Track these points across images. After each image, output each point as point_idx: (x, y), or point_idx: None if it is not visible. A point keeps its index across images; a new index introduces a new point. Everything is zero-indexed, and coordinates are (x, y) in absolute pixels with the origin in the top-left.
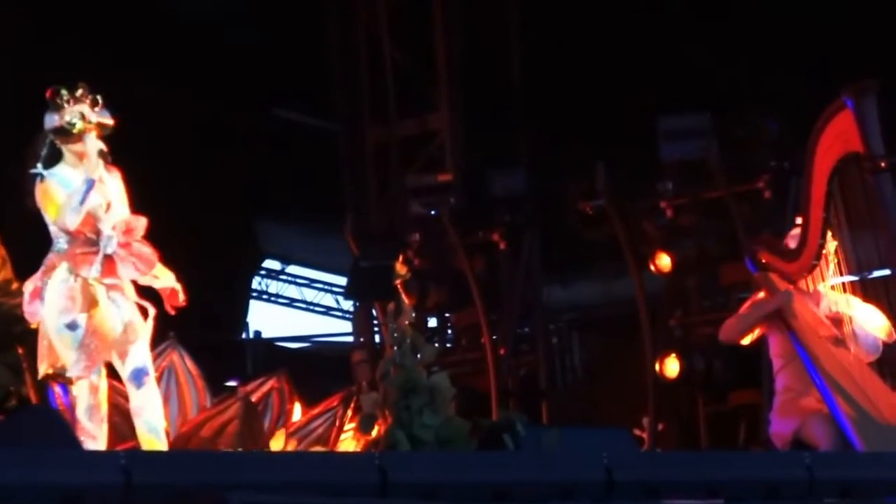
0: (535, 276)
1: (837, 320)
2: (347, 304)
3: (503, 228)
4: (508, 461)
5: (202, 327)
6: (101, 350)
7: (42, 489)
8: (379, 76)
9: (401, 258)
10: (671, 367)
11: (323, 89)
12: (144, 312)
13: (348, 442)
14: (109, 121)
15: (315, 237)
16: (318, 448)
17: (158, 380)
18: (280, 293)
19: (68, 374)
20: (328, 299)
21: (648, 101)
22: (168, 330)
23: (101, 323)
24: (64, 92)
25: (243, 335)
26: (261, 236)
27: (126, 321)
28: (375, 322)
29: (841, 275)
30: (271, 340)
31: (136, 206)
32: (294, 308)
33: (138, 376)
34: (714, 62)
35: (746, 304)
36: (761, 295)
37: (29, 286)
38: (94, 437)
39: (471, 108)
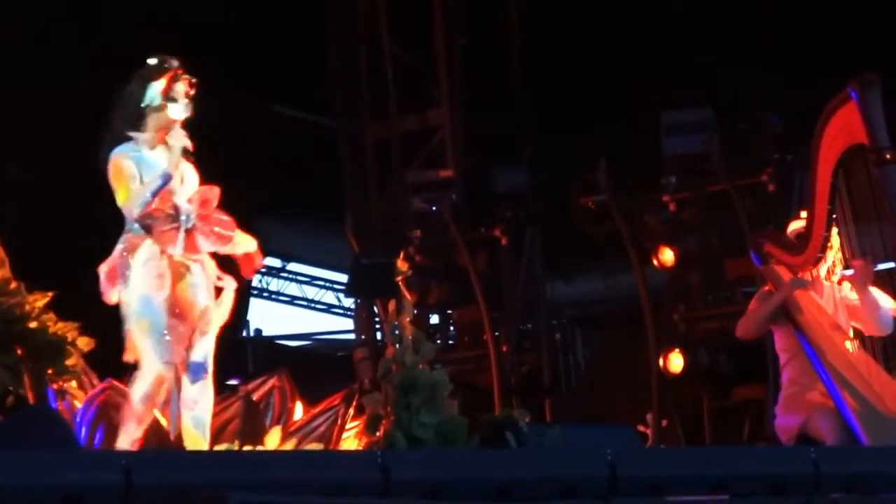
0: (538, 272)
1: (848, 308)
2: (349, 302)
3: (505, 224)
4: (512, 459)
5: None
6: (185, 333)
7: (43, 489)
8: (378, 72)
9: (402, 255)
10: (675, 362)
11: (322, 85)
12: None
13: (350, 440)
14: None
15: (316, 234)
16: (319, 447)
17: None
18: (281, 291)
19: (152, 361)
20: (329, 297)
21: (650, 96)
22: None
23: (185, 301)
24: (182, 81)
25: (244, 333)
26: (261, 234)
27: (203, 307)
28: (377, 319)
29: (846, 267)
30: (272, 338)
31: None
32: (295, 306)
33: (197, 371)
34: (716, 57)
35: (755, 299)
36: (766, 289)
37: (104, 268)
38: (141, 422)
39: (472, 105)
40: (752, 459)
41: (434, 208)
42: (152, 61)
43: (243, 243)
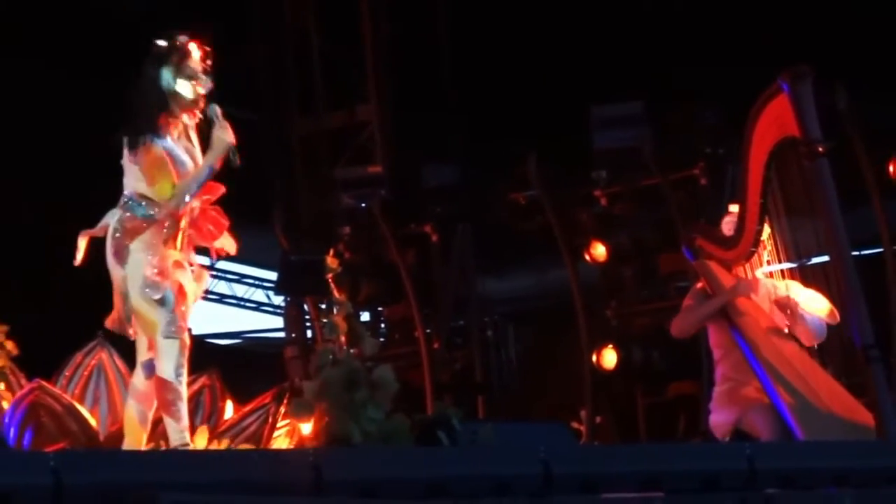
0: (469, 268)
1: (782, 306)
2: (278, 300)
3: (435, 220)
4: (445, 457)
5: None
6: (187, 311)
7: None
8: (306, 67)
9: (331, 252)
10: (608, 358)
11: (249, 80)
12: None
13: (281, 439)
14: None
15: (244, 231)
16: (250, 446)
17: (87, 379)
18: (210, 289)
19: (156, 335)
20: (259, 295)
21: (580, 90)
22: (97, 329)
23: (183, 285)
24: (193, 58)
25: None
26: None
27: (189, 298)
28: (307, 317)
29: (779, 261)
30: (201, 337)
31: None
32: (224, 304)
33: (151, 368)
34: (647, 51)
35: (689, 296)
36: (699, 285)
37: (85, 234)
38: (182, 397)
39: (401, 100)
40: (686, 456)
41: (363, 205)
42: (161, 42)
43: (225, 244)
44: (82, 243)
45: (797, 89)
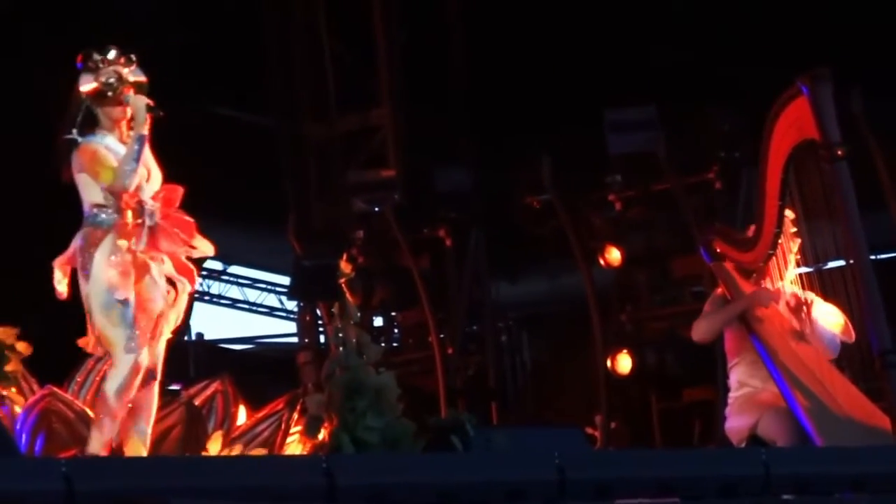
0: (482, 273)
1: (798, 307)
2: (291, 305)
3: (448, 225)
4: (458, 462)
5: None
6: (148, 327)
7: None
8: (318, 71)
9: (344, 256)
10: (623, 363)
11: (261, 84)
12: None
13: (294, 445)
14: (143, 79)
15: (257, 236)
16: (263, 452)
17: (99, 384)
18: (222, 294)
19: (117, 352)
20: (271, 299)
21: (594, 94)
22: None
23: (147, 297)
24: (96, 55)
25: (185, 337)
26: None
27: (160, 307)
28: (320, 322)
29: (797, 266)
30: (214, 342)
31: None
32: (237, 309)
33: (144, 376)
34: (661, 54)
35: (709, 302)
36: (719, 290)
37: (60, 261)
38: (117, 417)
39: (414, 103)
40: (701, 461)
41: (376, 209)
42: (87, 58)
43: (201, 247)
44: (60, 276)
45: (816, 92)
